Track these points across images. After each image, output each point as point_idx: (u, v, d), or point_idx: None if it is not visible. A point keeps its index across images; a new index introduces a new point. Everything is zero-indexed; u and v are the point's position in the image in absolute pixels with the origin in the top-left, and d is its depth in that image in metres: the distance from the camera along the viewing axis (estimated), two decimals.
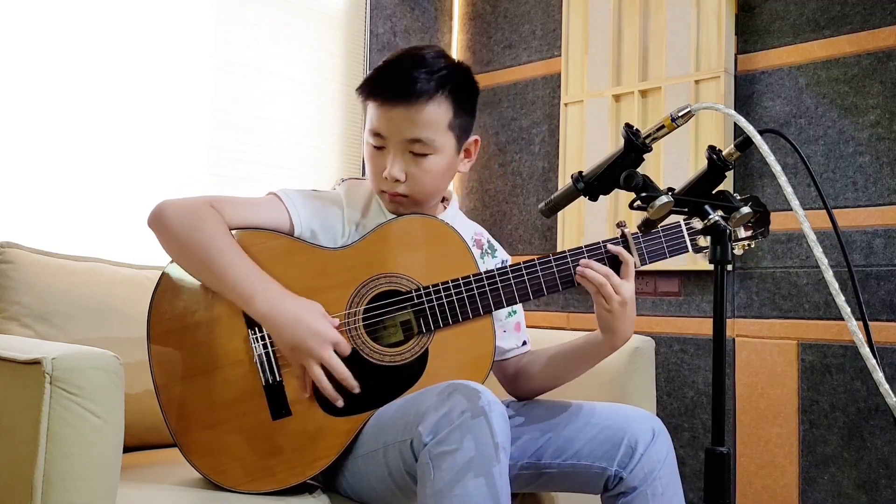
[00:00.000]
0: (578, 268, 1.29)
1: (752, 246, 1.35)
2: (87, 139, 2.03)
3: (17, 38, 1.90)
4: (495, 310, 1.31)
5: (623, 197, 2.45)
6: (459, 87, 1.34)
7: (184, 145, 2.23)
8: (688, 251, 1.35)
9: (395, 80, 1.30)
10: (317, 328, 1.19)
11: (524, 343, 1.49)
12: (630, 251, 1.31)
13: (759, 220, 1.33)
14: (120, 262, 1.70)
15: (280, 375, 1.24)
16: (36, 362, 1.00)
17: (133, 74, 2.12)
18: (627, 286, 1.27)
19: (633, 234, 1.32)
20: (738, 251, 1.34)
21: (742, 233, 1.33)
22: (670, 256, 1.34)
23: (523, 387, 1.44)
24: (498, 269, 1.31)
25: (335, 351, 1.21)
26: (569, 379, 1.40)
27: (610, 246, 1.31)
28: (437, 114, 1.31)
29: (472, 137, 1.42)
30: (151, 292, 1.27)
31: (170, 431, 1.22)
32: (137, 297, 1.62)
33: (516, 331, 1.48)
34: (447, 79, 1.31)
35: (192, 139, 2.26)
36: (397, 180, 1.32)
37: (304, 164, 2.54)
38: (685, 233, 1.34)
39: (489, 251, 1.52)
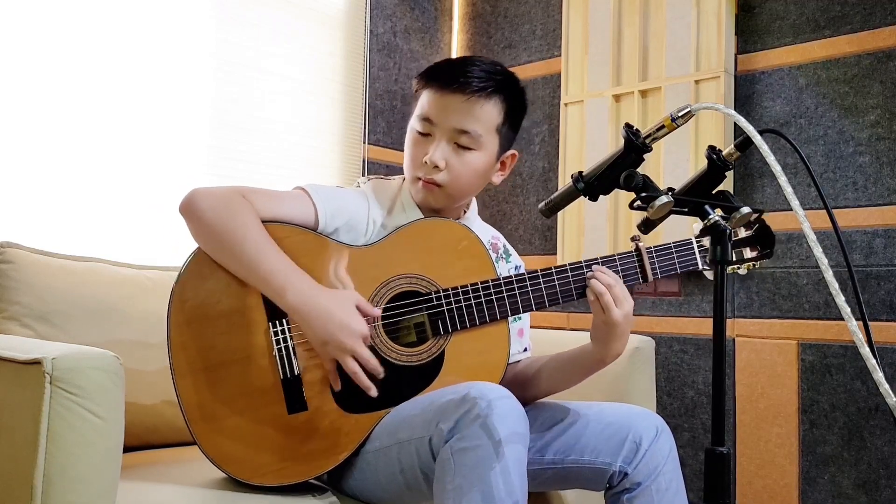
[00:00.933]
0: (588, 273, 1.30)
1: (758, 266, 1.36)
2: (88, 139, 2.03)
3: (17, 38, 1.90)
4: (511, 315, 1.32)
5: (623, 197, 2.45)
6: (514, 99, 1.39)
7: (184, 145, 2.23)
8: (698, 267, 1.36)
9: (457, 72, 1.34)
10: (347, 322, 1.20)
11: (525, 349, 1.50)
12: (643, 265, 1.32)
13: (765, 242, 1.35)
14: (120, 262, 1.70)
15: (298, 370, 1.25)
16: (36, 362, 1.00)
17: (133, 74, 2.12)
18: (627, 302, 1.27)
19: (646, 248, 1.34)
20: (742, 271, 1.37)
21: (748, 253, 1.34)
22: (681, 272, 1.36)
23: (518, 394, 1.43)
24: (516, 276, 1.32)
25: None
26: (562, 389, 1.41)
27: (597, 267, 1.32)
28: (490, 113, 1.35)
29: (511, 151, 1.45)
30: (172, 281, 1.26)
31: (185, 419, 1.23)
32: (137, 297, 1.62)
33: (519, 336, 1.48)
34: (505, 86, 1.36)
35: (192, 139, 2.26)
36: (436, 166, 1.34)
37: (304, 164, 2.54)
38: (696, 249, 1.36)
39: (504, 255, 1.53)
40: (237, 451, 1.22)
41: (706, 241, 1.35)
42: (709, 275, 1.34)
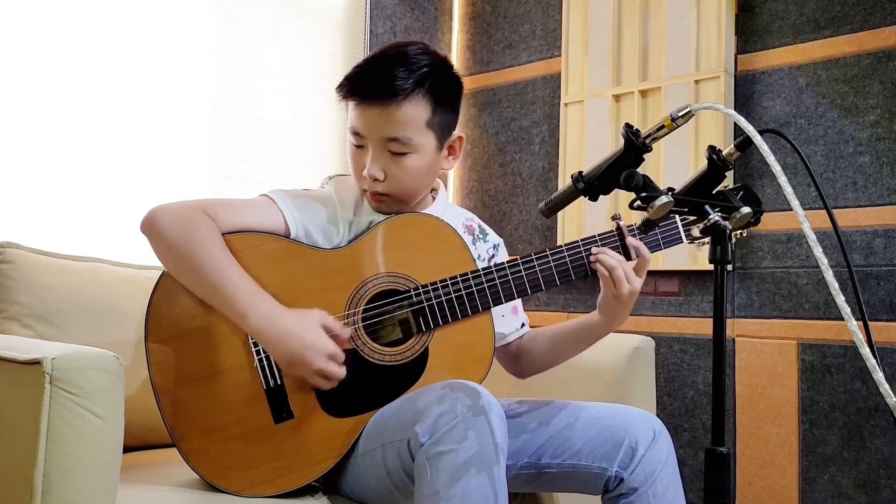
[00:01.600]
0: (592, 256, 1.31)
1: (745, 234, 1.35)
2: (88, 139, 2.03)
3: (17, 38, 1.90)
4: (494, 306, 1.31)
5: (623, 197, 2.45)
6: (439, 84, 1.32)
7: (184, 145, 2.23)
8: (682, 242, 1.36)
9: (370, 79, 1.30)
10: (311, 341, 1.19)
11: (523, 325, 1.51)
12: (625, 243, 1.32)
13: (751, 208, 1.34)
14: (120, 262, 1.69)
15: (281, 378, 1.24)
16: (36, 362, 1.00)
17: (133, 74, 2.12)
18: (638, 279, 1.30)
19: (627, 226, 1.33)
20: (732, 240, 1.36)
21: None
22: (665, 248, 1.36)
23: (526, 366, 1.48)
24: (496, 266, 1.31)
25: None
26: (567, 358, 1.45)
27: (630, 239, 1.32)
28: (413, 112, 1.29)
29: (456, 135, 1.40)
30: (149, 297, 1.26)
31: (171, 437, 1.22)
32: (137, 297, 1.61)
33: (514, 314, 1.49)
34: (425, 76, 1.30)
35: (192, 139, 2.26)
36: (376, 179, 1.32)
37: (304, 164, 2.54)
38: (679, 224, 1.35)
39: (480, 236, 1.52)
40: (227, 465, 1.21)
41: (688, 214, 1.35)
42: (693, 248, 1.34)
